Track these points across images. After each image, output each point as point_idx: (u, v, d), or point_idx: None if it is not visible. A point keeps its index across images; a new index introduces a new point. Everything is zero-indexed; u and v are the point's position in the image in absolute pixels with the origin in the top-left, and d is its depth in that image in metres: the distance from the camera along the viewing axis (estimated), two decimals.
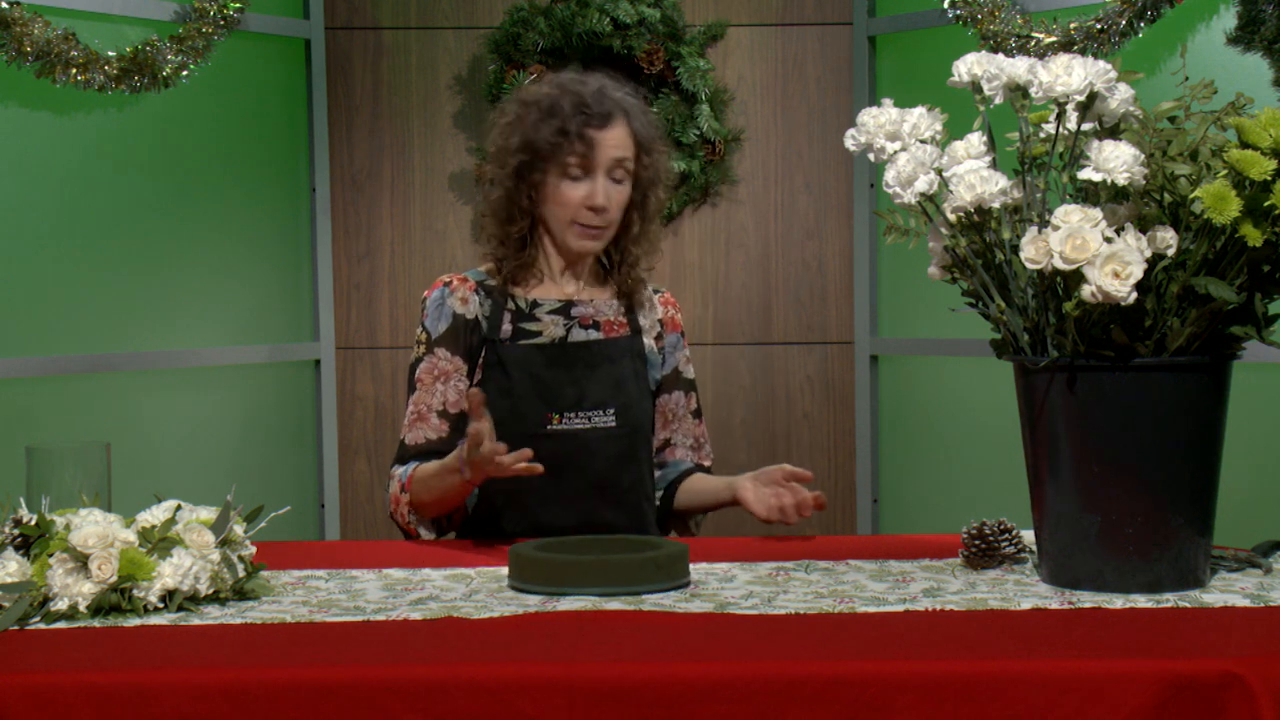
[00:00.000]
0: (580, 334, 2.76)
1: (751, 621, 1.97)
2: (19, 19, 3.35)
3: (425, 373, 2.74)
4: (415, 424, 2.73)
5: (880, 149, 2.18)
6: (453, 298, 2.75)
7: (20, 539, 2.08)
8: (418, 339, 2.77)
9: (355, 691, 1.72)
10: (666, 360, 2.89)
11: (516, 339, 2.74)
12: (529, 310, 2.76)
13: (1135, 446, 2.06)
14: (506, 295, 2.77)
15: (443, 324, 2.74)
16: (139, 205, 3.71)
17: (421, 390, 2.73)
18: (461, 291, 2.76)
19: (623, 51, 3.96)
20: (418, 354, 2.76)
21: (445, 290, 2.77)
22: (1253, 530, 2.72)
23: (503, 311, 2.75)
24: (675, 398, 2.89)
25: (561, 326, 2.76)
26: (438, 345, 2.73)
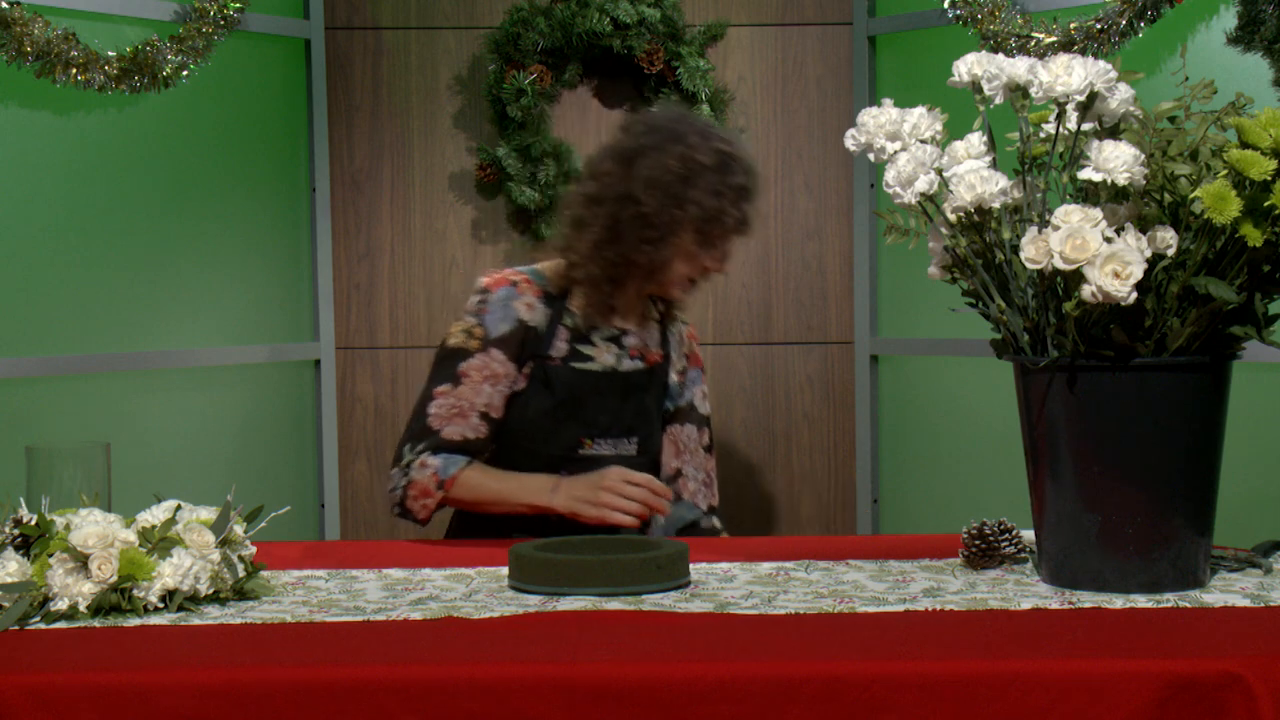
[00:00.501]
0: (628, 364, 2.76)
1: (751, 621, 1.97)
2: (19, 19, 3.35)
3: (475, 370, 2.68)
4: (455, 418, 2.67)
5: (880, 149, 2.18)
6: (519, 300, 2.70)
7: (20, 539, 2.08)
8: (468, 329, 2.70)
9: (355, 691, 1.72)
10: (684, 393, 2.89)
11: (570, 360, 2.72)
12: (585, 332, 2.73)
13: (1135, 446, 2.06)
14: (564, 310, 2.73)
15: (505, 326, 2.69)
16: (139, 205, 3.71)
17: (467, 386, 2.68)
18: (528, 296, 2.71)
19: (623, 51, 3.96)
20: (465, 344, 2.69)
21: (512, 291, 2.71)
22: (1253, 530, 2.72)
23: (558, 326, 2.72)
24: (688, 430, 2.89)
25: (613, 355, 2.74)
26: (494, 346, 2.69)
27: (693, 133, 2.70)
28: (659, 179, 2.65)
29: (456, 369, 2.69)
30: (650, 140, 2.69)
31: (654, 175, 2.65)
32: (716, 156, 2.67)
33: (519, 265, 2.82)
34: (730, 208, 2.67)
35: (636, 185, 2.66)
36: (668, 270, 2.70)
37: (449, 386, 2.68)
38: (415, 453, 2.68)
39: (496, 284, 2.73)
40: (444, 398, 2.68)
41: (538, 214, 4.01)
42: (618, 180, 2.68)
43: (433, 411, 2.68)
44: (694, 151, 2.66)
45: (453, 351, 2.70)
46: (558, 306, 2.72)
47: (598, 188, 2.71)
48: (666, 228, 2.65)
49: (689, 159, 2.66)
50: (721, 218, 2.66)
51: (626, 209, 2.66)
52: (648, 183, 2.65)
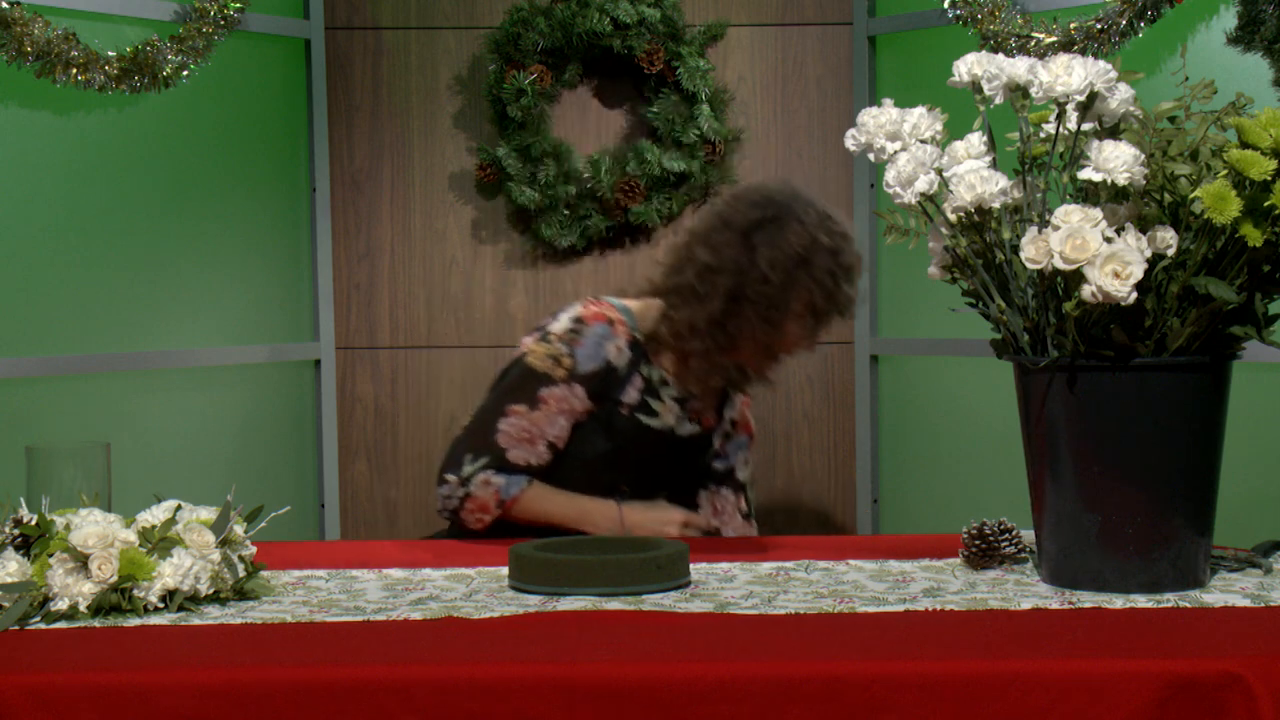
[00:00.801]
0: (686, 428, 2.77)
1: (751, 621, 1.96)
2: (19, 19, 3.35)
3: (555, 400, 2.67)
4: (524, 442, 2.67)
5: (880, 149, 2.18)
6: (611, 342, 2.70)
7: (20, 539, 2.08)
8: (556, 355, 2.68)
9: (355, 691, 1.72)
10: (726, 457, 2.89)
11: (636, 411, 2.72)
12: (657, 386, 2.73)
13: (1135, 446, 2.06)
14: (644, 358, 2.73)
15: (593, 364, 2.69)
16: (139, 205, 3.71)
17: (543, 414, 2.67)
18: (619, 339, 2.70)
19: (623, 51, 3.96)
20: (551, 371, 2.68)
21: (608, 330, 2.70)
22: (1253, 530, 2.72)
23: (635, 374, 2.72)
24: (724, 493, 2.91)
25: (674, 415, 2.75)
26: (579, 381, 2.68)
27: (809, 210, 2.68)
28: (781, 256, 2.63)
29: (537, 393, 2.68)
30: (767, 214, 2.67)
31: (776, 252, 2.63)
32: (833, 237, 2.66)
33: (611, 297, 2.79)
34: (845, 289, 2.67)
35: (759, 260, 2.63)
36: (779, 347, 2.70)
37: (525, 408, 2.67)
38: (476, 466, 2.67)
39: (594, 318, 2.71)
40: (518, 418, 2.67)
41: (538, 214, 4.01)
42: (737, 253, 2.65)
43: (503, 429, 2.67)
44: (814, 230, 2.65)
45: (536, 374, 2.69)
46: (639, 353, 2.72)
47: (714, 258, 2.67)
48: (786, 306, 2.64)
49: (810, 238, 2.64)
50: (835, 298, 2.66)
51: (749, 284, 2.64)
52: (770, 260, 2.63)
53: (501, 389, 2.71)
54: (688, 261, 2.71)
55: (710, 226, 2.71)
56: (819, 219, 2.66)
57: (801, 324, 2.66)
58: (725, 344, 2.67)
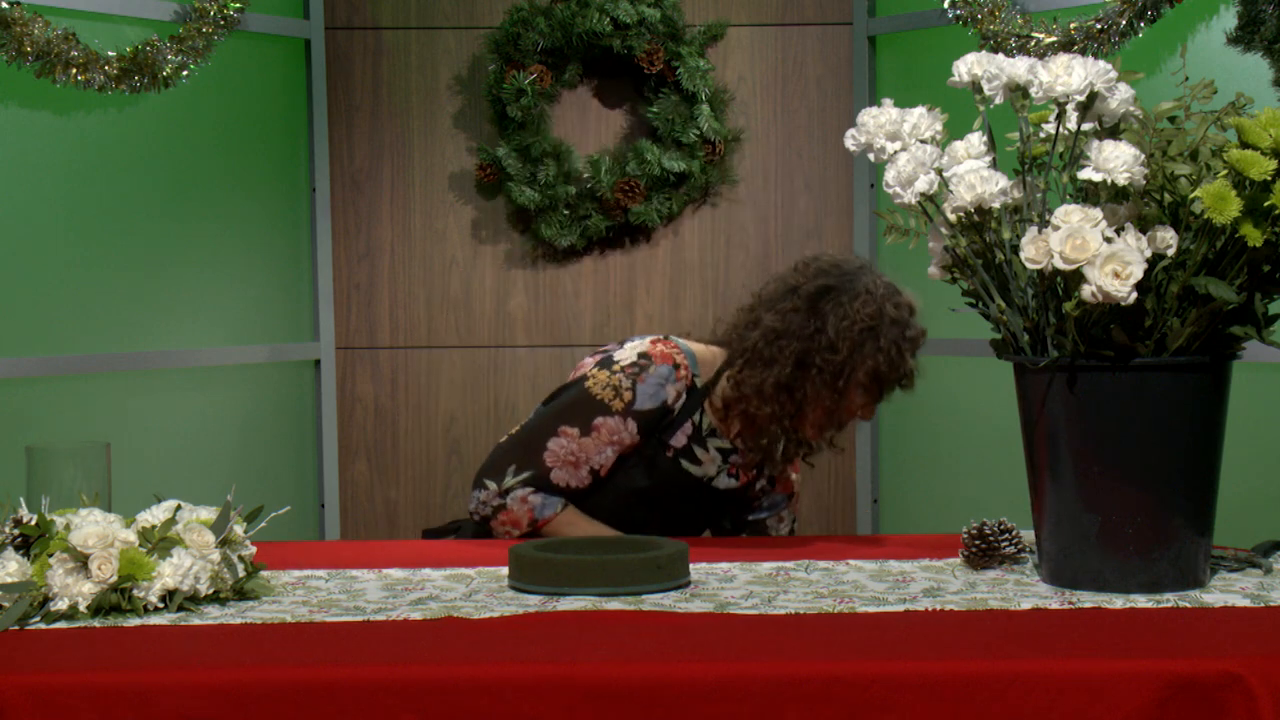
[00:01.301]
0: (724, 481, 2.78)
1: (751, 621, 1.96)
2: (19, 19, 3.35)
3: (607, 430, 2.68)
4: (569, 465, 2.67)
5: (880, 149, 2.18)
6: (672, 386, 2.70)
7: (20, 539, 2.08)
8: (617, 387, 2.68)
9: (355, 691, 1.72)
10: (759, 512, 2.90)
11: (680, 457, 2.73)
12: (705, 435, 2.74)
13: (1135, 446, 2.06)
14: (699, 406, 2.74)
15: (651, 404, 2.69)
16: (139, 205, 3.71)
17: (593, 441, 2.67)
18: (680, 384, 2.71)
19: (623, 51, 3.96)
20: (610, 401, 2.68)
21: (672, 373, 2.71)
22: (1253, 530, 2.72)
23: (687, 420, 2.73)
24: None
25: (715, 467, 2.76)
26: (634, 418, 2.68)
27: (877, 281, 2.69)
28: (849, 325, 2.63)
29: (591, 421, 2.68)
30: (835, 283, 2.67)
31: (844, 321, 2.64)
32: (900, 309, 2.67)
33: (679, 339, 2.79)
34: (910, 361, 2.67)
35: (828, 328, 2.64)
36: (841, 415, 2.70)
37: (577, 432, 2.68)
38: (518, 480, 2.68)
39: (661, 358, 2.71)
40: (568, 440, 2.68)
41: (538, 214, 4.01)
42: (805, 320, 2.65)
43: (551, 448, 2.68)
44: (881, 302, 2.65)
45: (594, 401, 2.69)
46: (696, 399, 2.73)
47: (782, 323, 2.67)
48: (852, 375, 2.64)
49: (878, 308, 2.65)
50: (900, 369, 2.66)
51: (816, 352, 2.64)
52: (838, 329, 2.63)
53: (557, 407, 2.72)
54: (753, 325, 2.71)
55: (778, 292, 2.71)
56: (887, 291, 2.67)
57: (865, 393, 2.67)
58: (791, 409, 2.67)
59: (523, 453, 2.69)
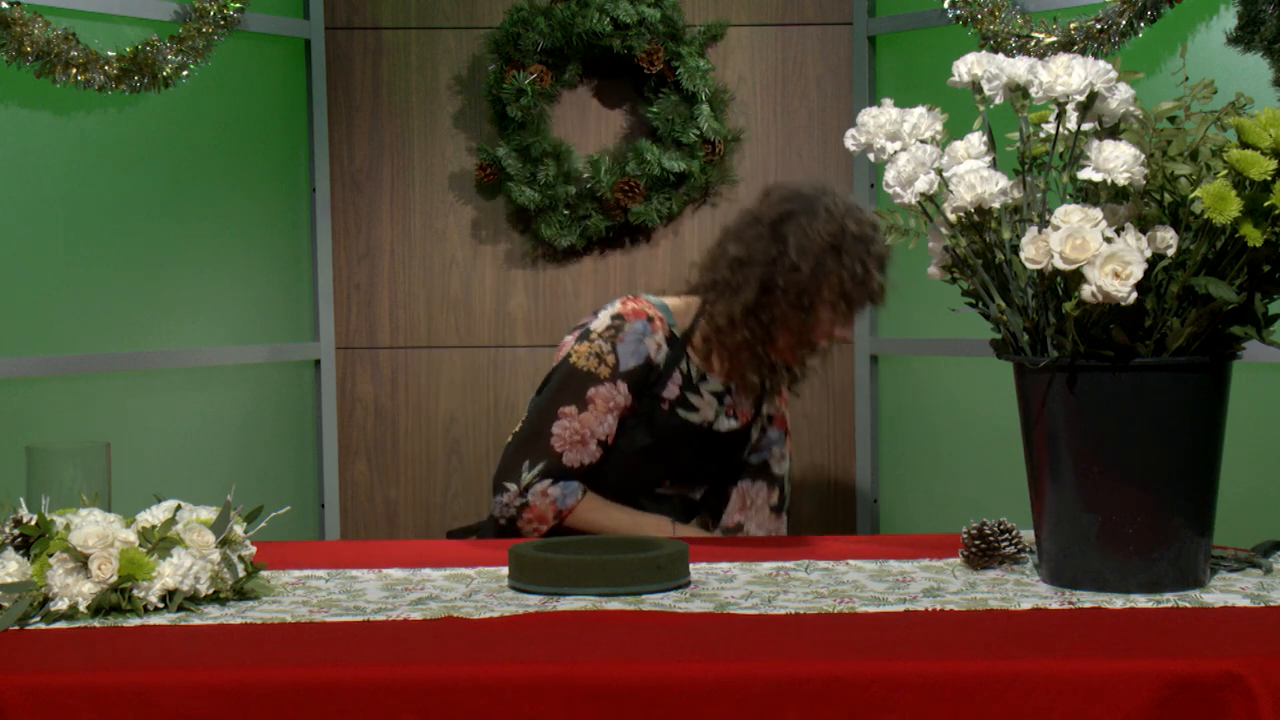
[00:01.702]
0: (724, 423, 2.80)
1: (751, 621, 1.96)
2: (19, 19, 3.35)
3: (601, 399, 2.70)
4: (577, 445, 2.70)
5: (880, 149, 2.18)
6: (651, 339, 2.72)
7: (20, 539, 2.08)
8: (600, 354, 2.71)
9: (355, 691, 1.72)
10: (761, 451, 2.91)
11: (676, 406, 2.74)
12: (696, 381, 2.76)
13: (1135, 446, 2.06)
14: (684, 354, 2.75)
15: (634, 361, 2.72)
16: (139, 205, 3.71)
17: (592, 413, 2.70)
18: (659, 335, 2.73)
19: (623, 51, 3.96)
20: (596, 370, 2.70)
21: (647, 327, 2.73)
22: (1253, 530, 2.72)
23: (674, 371, 2.75)
24: (758, 487, 2.93)
25: (713, 411, 2.78)
26: (622, 379, 2.71)
27: (839, 203, 2.74)
28: (810, 245, 2.69)
29: (585, 394, 2.71)
30: (796, 206, 2.72)
31: (805, 241, 2.69)
32: (862, 225, 2.71)
33: (648, 295, 2.82)
34: (877, 276, 2.71)
35: (789, 250, 2.69)
36: (813, 335, 2.74)
37: (574, 409, 2.70)
38: (534, 475, 2.70)
39: (634, 315, 2.74)
40: (569, 420, 2.69)
41: (538, 214, 4.01)
42: (768, 245, 2.71)
43: (556, 432, 2.71)
44: (842, 219, 2.71)
45: (581, 374, 2.72)
46: (678, 349, 2.75)
47: (745, 251, 2.73)
48: (817, 294, 2.69)
49: (838, 226, 2.70)
50: (867, 285, 2.70)
51: (779, 274, 2.70)
52: (799, 249, 2.69)
53: (550, 392, 2.74)
54: (721, 257, 2.78)
55: (742, 223, 2.79)
56: (848, 209, 2.73)
57: (834, 311, 2.71)
58: (761, 334, 2.72)
59: (531, 446, 2.71)
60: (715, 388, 2.78)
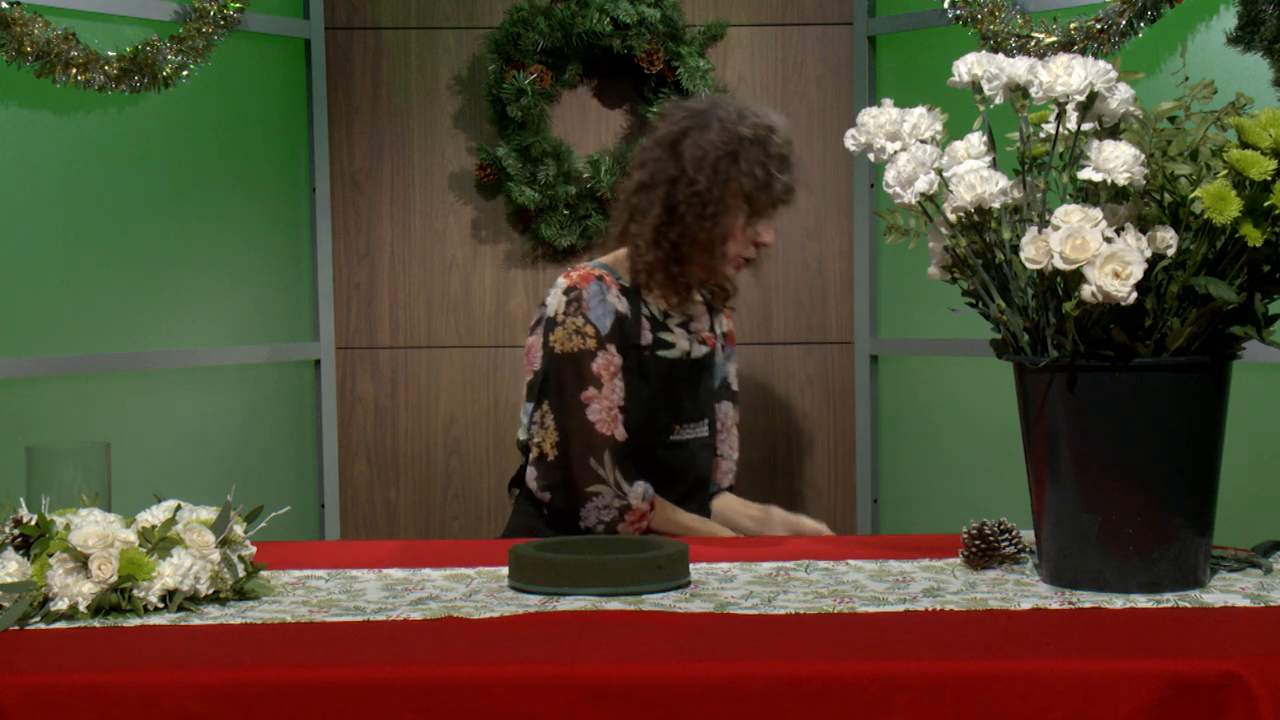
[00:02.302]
0: (699, 349, 2.83)
1: (751, 621, 1.97)
2: (19, 19, 3.35)
3: (604, 368, 2.71)
4: (614, 421, 2.70)
5: (880, 149, 2.18)
6: (610, 294, 2.74)
7: (20, 539, 2.08)
8: (579, 329, 2.71)
9: (355, 691, 1.72)
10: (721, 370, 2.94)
11: (656, 349, 2.76)
12: (662, 319, 2.77)
13: (1135, 446, 2.06)
14: (640, 300, 2.77)
15: (608, 320, 2.73)
16: (139, 205, 3.71)
17: (606, 386, 2.71)
18: (613, 289, 2.75)
19: (623, 51, 3.96)
20: (584, 346, 2.70)
21: (600, 285, 2.75)
22: (1253, 530, 2.72)
23: (640, 317, 2.76)
24: (724, 408, 2.95)
25: (687, 341, 2.80)
26: (608, 341, 2.73)
27: (731, 111, 2.79)
28: (706, 156, 2.73)
29: (591, 371, 2.72)
30: (691, 122, 2.78)
31: (701, 153, 2.74)
32: (756, 130, 2.76)
33: (585, 262, 2.85)
34: (776, 175, 2.75)
35: (686, 165, 2.74)
36: (725, 246, 2.77)
37: (594, 391, 2.70)
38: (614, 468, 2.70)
39: (583, 280, 2.76)
40: (596, 402, 2.70)
41: (538, 214, 4.01)
42: (666, 164, 2.76)
43: (594, 419, 2.71)
44: (736, 127, 2.75)
45: (574, 357, 2.72)
46: (634, 298, 2.76)
47: (648, 174, 2.79)
48: (720, 202, 2.74)
49: (732, 134, 2.74)
50: (771, 186, 2.74)
51: (680, 190, 2.75)
52: (695, 162, 2.74)
53: (557, 390, 2.73)
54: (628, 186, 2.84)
55: (641, 150, 2.85)
56: (740, 115, 2.78)
57: (745, 217, 2.75)
58: (672, 253, 2.75)
59: (585, 441, 2.69)
60: (678, 320, 2.80)
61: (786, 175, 2.77)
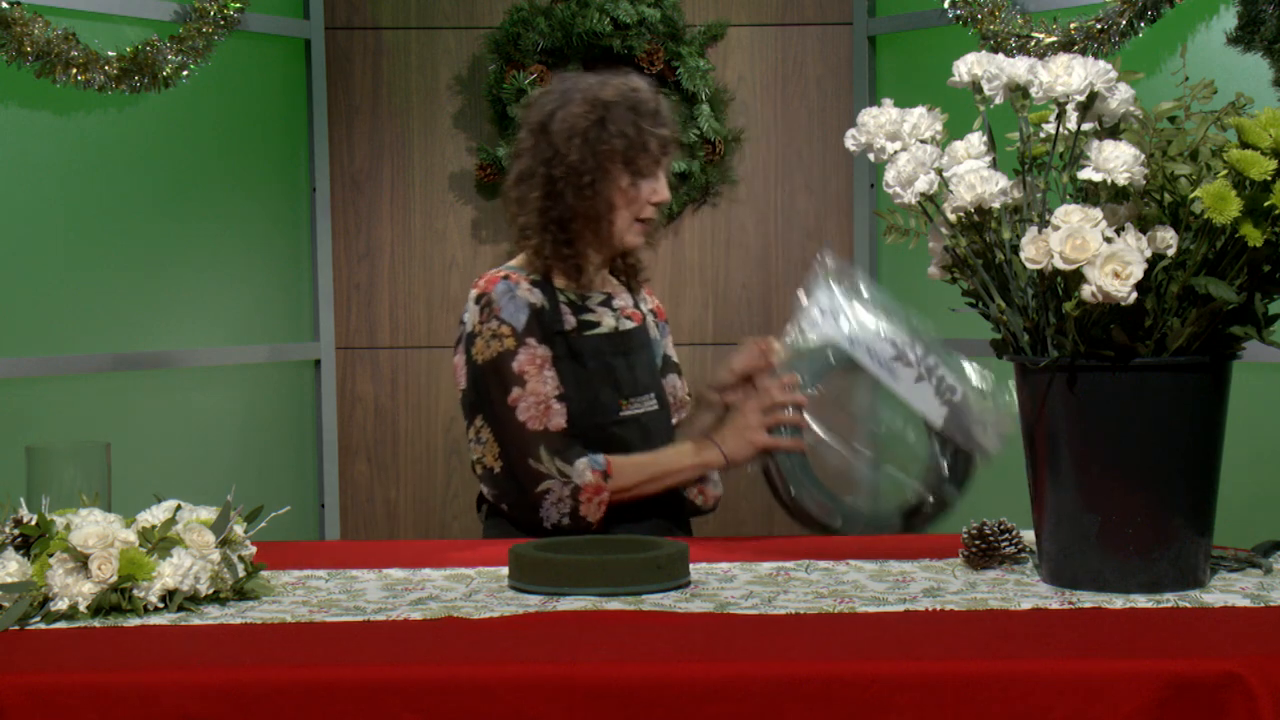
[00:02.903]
0: (626, 324, 2.82)
1: (751, 621, 1.96)
2: (19, 19, 3.35)
3: (528, 363, 2.69)
4: (547, 413, 2.68)
5: (880, 149, 2.18)
6: (521, 291, 2.73)
7: (20, 539, 2.08)
8: (495, 333, 2.70)
9: (355, 691, 1.72)
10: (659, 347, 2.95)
11: (583, 330, 2.76)
12: (581, 303, 2.78)
13: (1135, 446, 2.06)
14: (554, 290, 2.77)
15: (522, 315, 2.72)
16: (139, 205, 3.71)
17: (534, 381, 2.69)
18: (524, 285, 2.75)
19: (623, 51, 3.96)
20: (505, 348, 2.69)
21: (508, 283, 2.74)
22: (1253, 530, 2.72)
23: (558, 304, 2.76)
24: (672, 381, 2.95)
25: (612, 317, 2.80)
26: (526, 335, 2.71)
27: (593, 82, 2.82)
28: (575, 128, 2.75)
29: (513, 371, 2.69)
30: (556, 102, 2.79)
31: (569, 127, 2.75)
32: (621, 91, 2.77)
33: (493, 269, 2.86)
34: (649, 130, 2.75)
35: (557, 143, 2.76)
36: (614, 213, 2.77)
37: (519, 390, 2.68)
38: (554, 458, 2.67)
39: (490, 283, 2.76)
40: (523, 401, 2.68)
41: None
42: (539, 148, 2.78)
43: (524, 417, 2.68)
44: (599, 93, 2.77)
45: (494, 362, 2.71)
46: (548, 289, 2.77)
47: (525, 163, 2.81)
48: (596, 170, 2.74)
49: (596, 101, 2.76)
50: (644, 143, 2.75)
51: (555, 168, 2.76)
52: (565, 137, 2.75)
53: (488, 400, 2.72)
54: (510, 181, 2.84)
55: (515, 142, 2.86)
56: (601, 83, 2.80)
57: (624, 179, 2.75)
58: (561, 233, 2.76)
59: (521, 444, 2.68)
60: (600, 298, 2.81)
61: (663, 129, 2.77)
